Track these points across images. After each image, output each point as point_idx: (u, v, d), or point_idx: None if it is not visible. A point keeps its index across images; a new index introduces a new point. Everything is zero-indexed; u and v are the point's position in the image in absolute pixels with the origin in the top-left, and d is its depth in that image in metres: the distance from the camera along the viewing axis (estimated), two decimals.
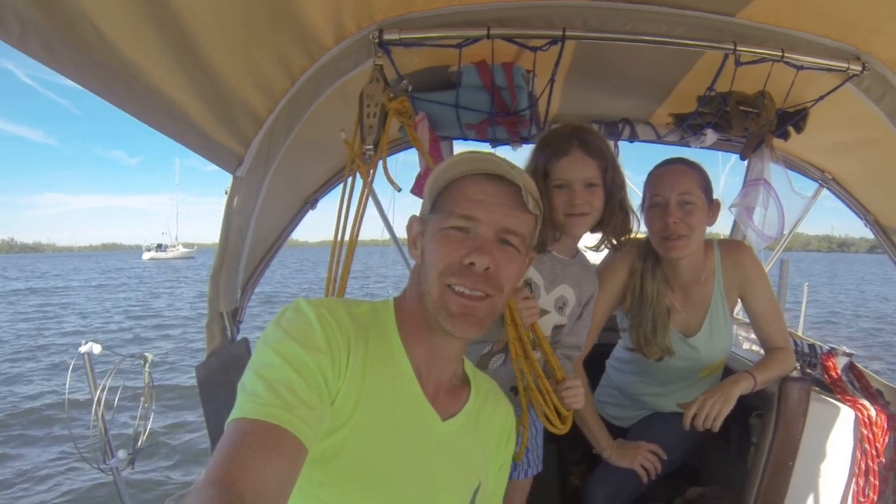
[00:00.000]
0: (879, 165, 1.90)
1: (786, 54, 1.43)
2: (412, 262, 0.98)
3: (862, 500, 1.70)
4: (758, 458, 1.61)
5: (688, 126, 2.04)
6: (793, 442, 1.60)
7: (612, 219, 1.46)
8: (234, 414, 0.70)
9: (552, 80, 1.58)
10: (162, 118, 1.29)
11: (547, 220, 1.38)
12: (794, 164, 2.26)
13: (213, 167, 1.72)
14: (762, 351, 1.84)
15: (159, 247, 79.57)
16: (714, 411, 1.50)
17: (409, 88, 1.48)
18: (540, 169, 1.41)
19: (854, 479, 1.70)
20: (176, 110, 1.32)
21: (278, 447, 0.67)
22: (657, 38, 1.44)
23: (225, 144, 1.54)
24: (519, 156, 2.13)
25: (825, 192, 2.30)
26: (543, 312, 1.46)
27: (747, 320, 1.86)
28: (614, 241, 1.53)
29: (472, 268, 0.83)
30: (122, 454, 2.71)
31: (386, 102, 1.44)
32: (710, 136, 2.05)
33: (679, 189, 1.53)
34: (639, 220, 1.57)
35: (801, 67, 1.46)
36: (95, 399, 2.64)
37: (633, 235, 1.56)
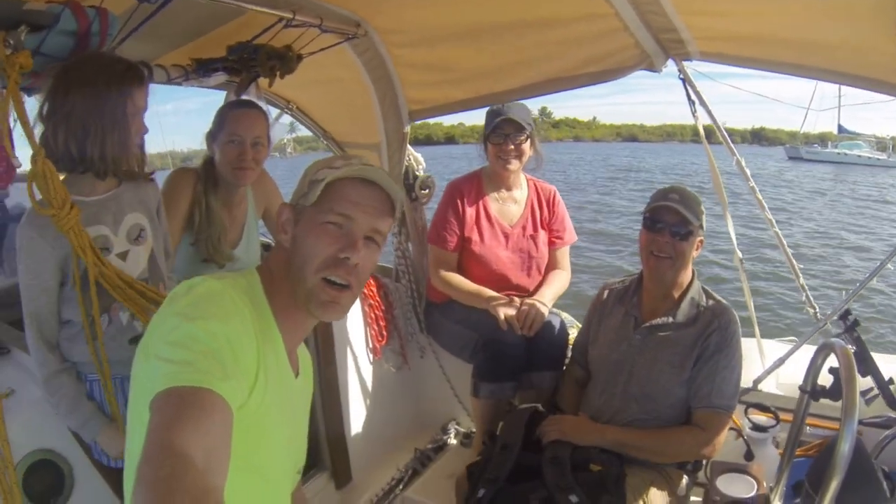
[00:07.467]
0: (340, 97, 2.63)
1: (324, 22, 1.95)
2: None
3: (380, 338, 2.50)
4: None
5: (203, 69, 2.24)
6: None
7: None
8: (168, 382, 0.71)
9: (136, 29, 1.58)
10: None
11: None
12: (269, 98, 2.82)
13: None
14: None
15: None
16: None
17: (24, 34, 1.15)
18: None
19: (370, 327, 2.46)
20: None
21: (215, 409, 0.72)
22: (235, 2, 1.68)
23: None
24: None
25: None
26: (123, 255, 1.45)
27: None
28: None
29: (345, 261, 0.94)
30: None
31: (3, 59, 1.11)
32: (218, 77, 2.34)
33: (254, 133, 1.88)
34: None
35: (328, 31, 2.01)
36: None
37: None
